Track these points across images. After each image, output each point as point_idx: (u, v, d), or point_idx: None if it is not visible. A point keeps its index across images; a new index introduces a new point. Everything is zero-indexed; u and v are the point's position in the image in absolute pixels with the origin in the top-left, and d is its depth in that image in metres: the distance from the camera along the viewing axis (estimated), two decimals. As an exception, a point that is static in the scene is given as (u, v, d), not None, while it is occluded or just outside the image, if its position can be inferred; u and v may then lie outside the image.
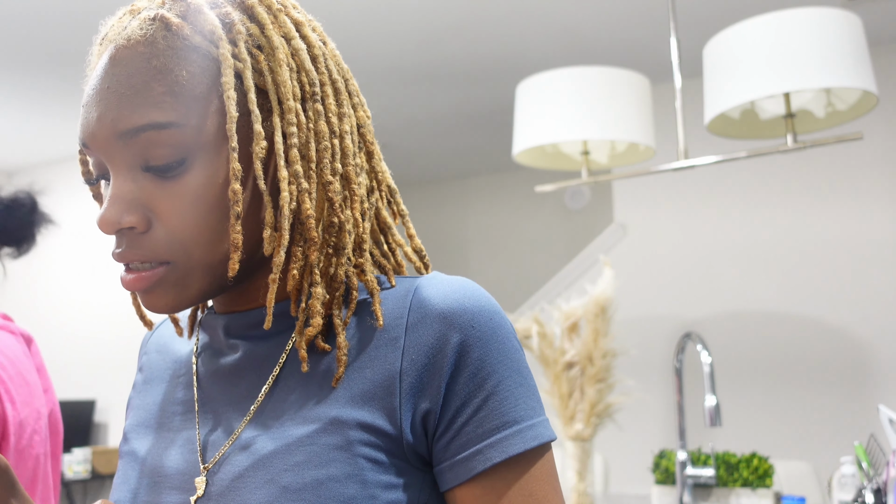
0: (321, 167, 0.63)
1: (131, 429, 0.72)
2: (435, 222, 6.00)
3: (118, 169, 0.61)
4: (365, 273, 0.65)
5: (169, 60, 0.60)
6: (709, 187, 3.60)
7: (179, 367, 0.73)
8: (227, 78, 0.59)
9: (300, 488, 0.58)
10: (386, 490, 0.59)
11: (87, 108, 0.62)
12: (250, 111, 0.61)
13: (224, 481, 0.61)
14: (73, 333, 4.82)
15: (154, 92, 0.59)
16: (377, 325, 0.63)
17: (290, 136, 0.61)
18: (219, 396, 0.67)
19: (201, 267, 0.62)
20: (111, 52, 0.62)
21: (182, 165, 0.60)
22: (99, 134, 0.60)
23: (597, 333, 2.17)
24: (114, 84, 0.60)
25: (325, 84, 0.65)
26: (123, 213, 0.60)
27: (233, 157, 0.59)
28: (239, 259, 0.60)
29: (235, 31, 0.61)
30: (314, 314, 0.62)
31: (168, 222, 0.60)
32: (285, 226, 0.61)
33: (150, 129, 0.59)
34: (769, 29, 1.82)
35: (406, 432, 0.60)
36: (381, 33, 3.21)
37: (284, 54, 0.63)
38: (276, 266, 0.61)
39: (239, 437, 0.63)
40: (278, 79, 0.62)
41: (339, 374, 0.62)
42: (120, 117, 0.59)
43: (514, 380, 0.61)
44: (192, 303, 0.63)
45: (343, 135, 0.65)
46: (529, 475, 0.60)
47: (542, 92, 2.18)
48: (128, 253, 0.61)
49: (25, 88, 3.81)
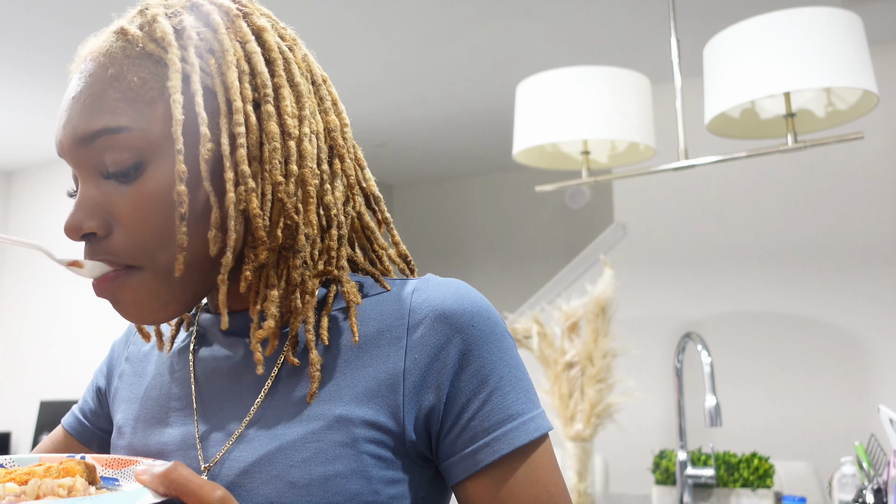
0: (271, 167, 0.63)
1: (126, 423, 0.73)
2: (435, 222, 6.00)
3: (84, 176, 0.63)
4: (342, 283, 0.66)
5: (123, 68, 0.62)
6: (709, 187, 3.60)
7: (176, 363, 0.73)
8: (174, 81, 0.61)
9: (307, 484, 0.60)
10: (389, 485, 0.61)
11: (59, 119, 0.65)
12: (197, 114, 0.62)
13: (228, 477, 0.62)
14: (72, 334, 4.81)
15: (109, 98, 0.61)
16: (357, 334, 0.64)
17: (239, 137, 0.62)
18: (218, 394, 0.68)
19: (169, 273, 0.63)
20: (81, 66, 0.65)
21: (138, 170, 0.61)
22: (64, 142, 0.63)
23: (597, 333, 2.17)
24: (77, 94, 0.63)
25: (281, 87, 0.65)
26: (85, 218, 0.62)
27: (178, 160, 0.60)
28: (185, 260, 0.61)
29: (186, 36, 0.63)
30: (267, 316, 0.63)
31: (125, 226, 0.62)
32: (230, 226, 0.62)
33: (104, 134, 0.61)
34: (769, 29, 1.82)
35: (409, 429, 0.62)
36: (382, 33, 3.21)
37: (235, 57, 0.63)
38: (224, 266, 0.62)
39: (242, 434, 0.64)
40: (226, 80, 0.63)
41: (312, 391, 0.63)
42: (79, 124, 0.62)
43: (514, 375, 0.64)
44: (172, 312, 0.64)
45: (302, 137, 0.65)
46: (534, 463, 0.63)
47: (542, 92, 2.17)
48: (90, 257, 0.63)
49: (26, 89, 3.81)
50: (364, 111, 4.19)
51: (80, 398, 0.86)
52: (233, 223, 0.62)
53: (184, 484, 0.53)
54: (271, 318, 0.63)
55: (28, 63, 3.50)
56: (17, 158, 5.07)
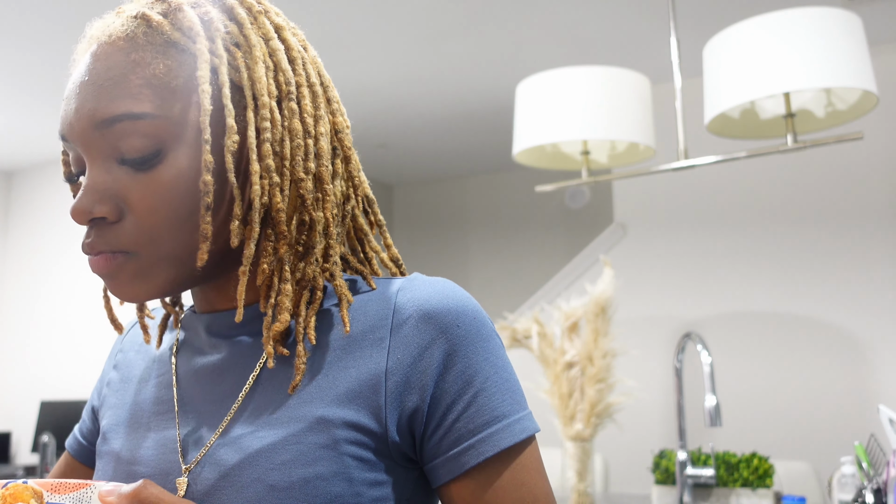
0: (294, 164, 0.64)
1: (110, 428, 0.73)
2: (435, 222, 6.00)
3: (94, 160, 0.62)
4: (335, 278, 0.66)
5: (147, 54, 0.62)
6: (709, 187, 3.60)
7: (160, 367, 0.73)
8: (203, 72, 0.61)
9: (287, 487, 0.59)
10: (371, 487, 0.61)
11: (67, 101, 0.63)
12: (224, 105, 0.62)
13: (208, 480, 0.62)
14: (73, 333, 4.82)
15: (131, 84, 0.61)
16: (345, 330, 0.64)
17: (264, 132, 0.62)
18: (200, 396, 0.67)
19: (168, 259, 0.62)
20: (93, 48, 0.64)
21: (156, 157, 0.61)
22: (76, 125, 0.62)
23: (597, 333, 2.17)
24: (92, 76, 0.62)
25: (301, 85, 0.66)
26: (96, 202, 0.61)
27: (205, 149, 0.60)
28: (208, 250, 0.61)
29: (213, 28, 0.63)
30: (282, 310, 0.63)
31: (139, 213, 0.61)
32: (255, 219, 0.62)
33: (125, 119, 0.60)
34: (769, 29, 1.82)
35: (391, 430, 0.61)
36: (382, 33, 3.21)
37: (262, 52, 0.64)
38: (246, 258, 0.62)
39: (221, 436, 0.63)
40: (254, 75, 0.63)
41: (295, 382, 0.62)
42: (97, 107, 0.61)
43: (500, 376, 0.64)
44: (159, 293, 0.64)
45: (318, 136, 0.66)
46: (519, 466, 0.62)
47: (542, 92, 2.18)
48: (96, 243, 0.62)
49: (25, 89, 3.81)
50: (364, 111, 4.19)
51: (80, 419, 0.86)
52: (256, 216, 0.62)
53: (155, 503, 0.52)
54: (286, 312, 0.63)
55: (28, 63, 3.50)
56: (17, 158, 5.07)
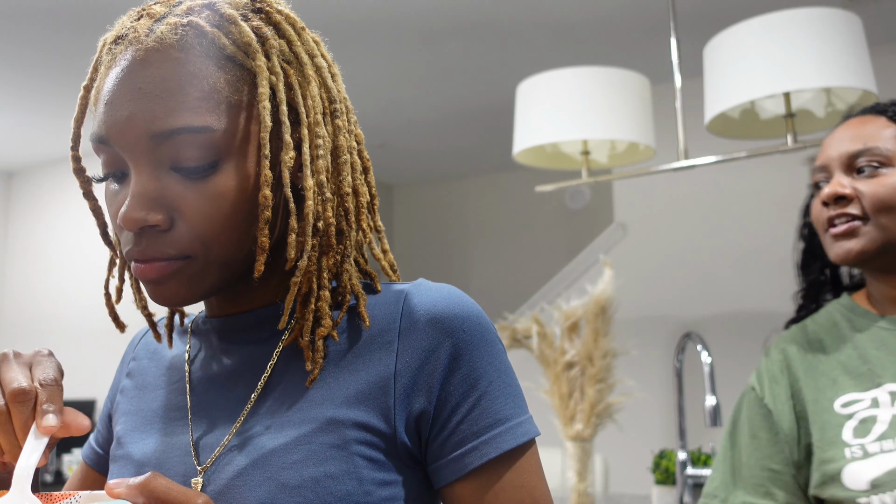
0: (340, 179, 0.66)
1: (125, 433, 0.73)
2: (435, 222, 6.00)
3: (142, 167, 0.62)
4: (352, 278, 0.69)
5: (205, 67, 0.62)
6: (709, 187, 3.60)
7: (174, 374, 0.74)
8: (263, 89, 0.62)
9: (298, 485, 0.60)
10: (380, 487, 0.62)
11: (113, 105, 0.62)
12: (281, 122, 0.63)
13: (222, 480, 0.63)
14: (73, 333, 4.82)
15: (190, 97, 0.61)
16: (364, 325, 0.66)
17: (317, 148, 0.64)
18: (213, 401, 0.69)
19: (217, 264, 0.64)
20: (137, 53, 0.62)
21: (212, 168, 0.62)
22: (129, 133, 0.61)
23: (597, 333, 2.17)
24: (146, 85, 0.61)
25: (340, 102, 0.68)
26: (149, 210, 0.61)
27: (264, 164, 0.62)
28: (265, 261, 0.63)
29: (269, 45, 0.64)
30: (323, 315, 0.65)
31: (191, 220, 0.62)
32: (309, 232, 0.64)
33: (185, 133, 0.61)
34: (769, 29, 1.82)
35: (400, 431, 0.63)
36: (382, 33, 3.22)
37: (312, 70, 0.66)
38: (300, 270, 0.64)
39: (234, 437, 0.65)
40: (308, 93, 0.65)
41: (314, 375, 0.64)
42: (154, 119, 0.60)
43: (503, 380, 0.66)
44: (202, 297, 0.66)
45: (352, 151, 0.69)
46: (520, 468, 0.64)
47: (542, 92, 2.18)
48: (148, 250, 0.62)
49: (26, 89, 3.81)
50: (364, 111, 4.18)
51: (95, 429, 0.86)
52: (310, 229, 0.64)
53: (164, 493, 0.53)
54: (328, 317, 0.65)
55: (28, 64, 3.50)
56: (17, 159, 5.07)
